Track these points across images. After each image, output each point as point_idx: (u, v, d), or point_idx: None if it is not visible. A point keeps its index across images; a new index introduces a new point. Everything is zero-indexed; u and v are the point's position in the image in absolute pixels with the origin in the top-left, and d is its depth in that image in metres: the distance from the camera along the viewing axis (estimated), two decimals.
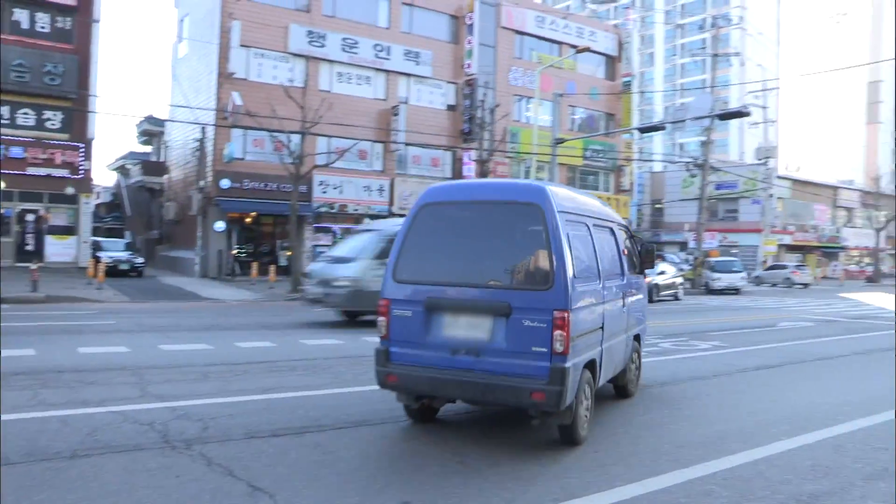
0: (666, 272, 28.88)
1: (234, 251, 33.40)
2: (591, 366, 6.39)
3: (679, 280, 30.24)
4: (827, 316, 21.83)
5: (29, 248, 28.94)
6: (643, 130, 33.76)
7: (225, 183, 31.87)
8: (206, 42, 33.21)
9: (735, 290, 36.21)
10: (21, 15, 28.24)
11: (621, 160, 48.02)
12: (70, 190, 29.17)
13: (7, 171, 27.54)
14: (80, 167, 29.34)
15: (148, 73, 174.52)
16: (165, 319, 15.99)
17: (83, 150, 29.43)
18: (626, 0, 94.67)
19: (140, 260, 32.06)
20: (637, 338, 8.70)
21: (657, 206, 60.77)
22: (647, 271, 9.43)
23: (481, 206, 6.38)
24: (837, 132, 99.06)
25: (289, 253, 31.03)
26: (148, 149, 51.80)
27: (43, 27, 28.60)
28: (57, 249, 29.45)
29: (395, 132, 36.16)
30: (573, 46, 40.48)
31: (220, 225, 31.83)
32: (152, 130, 47.60)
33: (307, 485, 4.94)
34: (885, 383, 9.87)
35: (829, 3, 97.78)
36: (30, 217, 29.22)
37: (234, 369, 9.55)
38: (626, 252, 8.22)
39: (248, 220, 33.88)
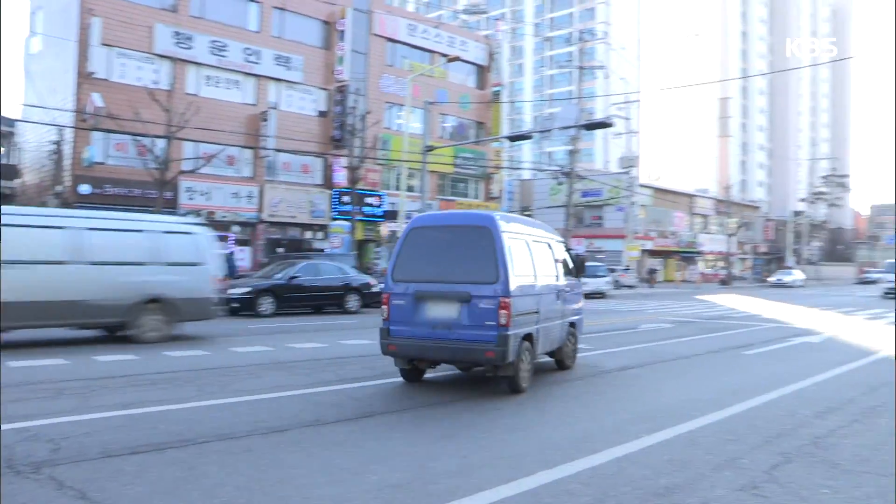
0: None
1: None
2: (529, 337, 8.94)
3: None
4: (684, 317, 23.02)
5: None
6: (512, 139, 34.65)
7: (85, 188, 30.27)
8: (63, 39, 31.45)
9: (601, 294, 37.55)
10: None
11: (491, 168, 48.96)
12: None
13: None
14: None
15: None
16: (16, 333, 14.93)
17: None
18: (496, 12, 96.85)
19: None
20: (573, 325, 11.20)
21: (526, 213, 62.03)
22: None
23: (451, 229, 9.21)
24: (693, 144, 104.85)
25: None
26: None
27: None
28: None
29: (264, 138, 35.49)
30: (444, 55, 40.91)
31: None
32: (2, 131, 44.57)
33: (168, 503, 4.74)
34: (736, 379, 10.52)
35: (684, 24, 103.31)
36: None
37: (92, 385, 9.05)
38: (562, 261, 10.76)
39: None
